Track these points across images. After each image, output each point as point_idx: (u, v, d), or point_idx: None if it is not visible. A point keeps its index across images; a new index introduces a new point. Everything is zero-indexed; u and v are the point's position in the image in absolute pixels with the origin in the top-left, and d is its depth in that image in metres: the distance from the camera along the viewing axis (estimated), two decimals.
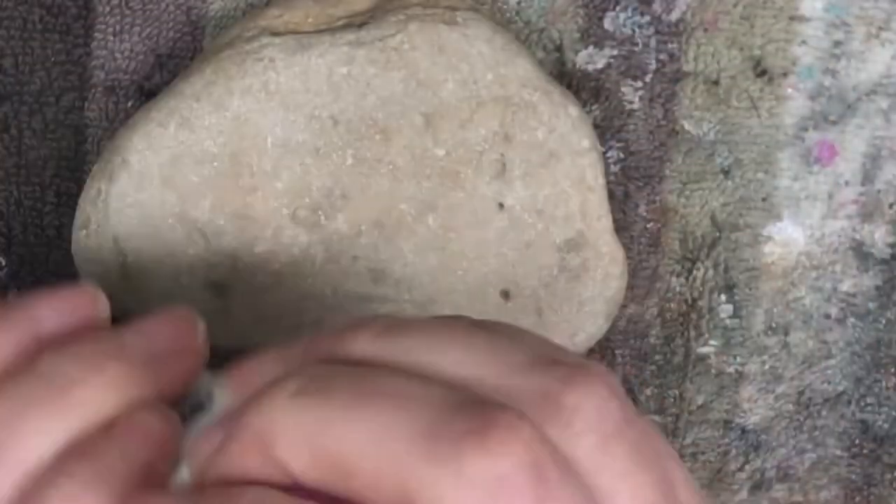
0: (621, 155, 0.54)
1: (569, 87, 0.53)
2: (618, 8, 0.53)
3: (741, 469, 0.55)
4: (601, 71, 0.53)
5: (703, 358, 0.54)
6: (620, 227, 0.53)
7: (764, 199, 0.54)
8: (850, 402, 0.55)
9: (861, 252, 0.54)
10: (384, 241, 0.49)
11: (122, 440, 0.35)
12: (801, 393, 0.54)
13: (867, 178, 0.54)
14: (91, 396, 0.35)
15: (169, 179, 0.49)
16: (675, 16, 0.53)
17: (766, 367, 0.54)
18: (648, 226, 0.54)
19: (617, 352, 0.54)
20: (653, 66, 0.53)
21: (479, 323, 0.35)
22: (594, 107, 0.53)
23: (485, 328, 0.34)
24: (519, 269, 0.50)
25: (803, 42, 0.53)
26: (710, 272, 0.54)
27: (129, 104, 0.53)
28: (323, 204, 0.49)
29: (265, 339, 0.50)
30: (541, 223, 0.50)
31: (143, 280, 0.49)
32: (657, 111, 0.53)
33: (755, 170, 0.54)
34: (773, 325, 0.54)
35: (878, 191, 0.54)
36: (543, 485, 0.30)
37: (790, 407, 0.54)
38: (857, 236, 0.54)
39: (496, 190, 0.50)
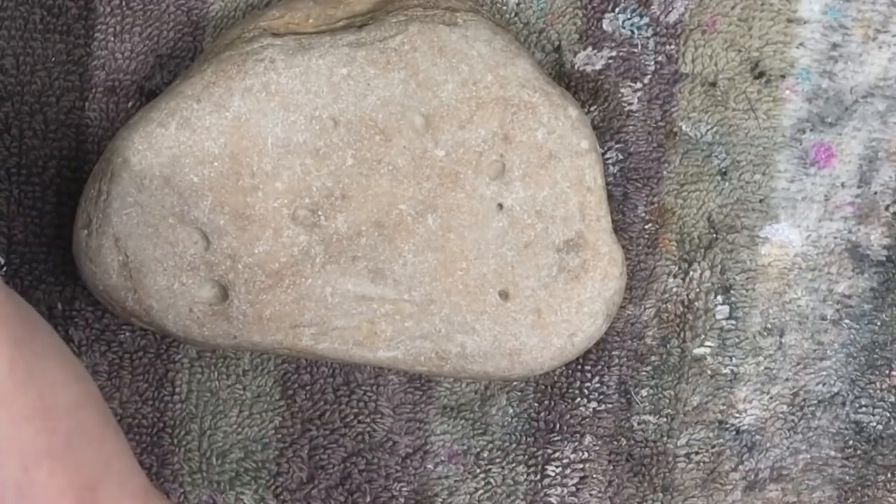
0: (620, 156, 0.54)
1: (567, 87, 0.53)
2: (616, 9, 0.53)
3: (735, 469, 0.55)
4: (600, 72, 0.53)
5: (698, 359, 0.54)
6: (619, 228, 0.53)
7: (761, 201, 0.54)
8: (844, 404, 0.55)
9: (857, 254, 0.54)
10: (384, 241, 0.49)
11: None
12: (795, 394, 0.55)
13: (863, 180, 0.54)
14: None
15: (169, 179, 0.49)
16: (673, 17, 0.53)
17: (762, 367, 0.54)
18: (647, 227, 0.54)
19: (614, 353, 0.54)
20: (651, 68, 0.53)
21: None
22: (593, 108, 0.53)
23: None
24: (518, 269, 0.50)
25: (801, 44, 0.53)
26: (707, 273, 0.54)
27: (130, 104, 0.53)
28: (323, 204, 0.49)
29: (265, 338, 0.50)
30: (540, 224, 0.50)
31: (143, 280, 0.49)
32: (655, 112, 0.54)
33: (752, 171, 0.54)
34: (769, 326, 0.54)
35: (875, 193, 0.54)
36: None
37: (784, 408, 0.55)
38: (853, 238, 0.54)
39: (495, 190, 0.50)
